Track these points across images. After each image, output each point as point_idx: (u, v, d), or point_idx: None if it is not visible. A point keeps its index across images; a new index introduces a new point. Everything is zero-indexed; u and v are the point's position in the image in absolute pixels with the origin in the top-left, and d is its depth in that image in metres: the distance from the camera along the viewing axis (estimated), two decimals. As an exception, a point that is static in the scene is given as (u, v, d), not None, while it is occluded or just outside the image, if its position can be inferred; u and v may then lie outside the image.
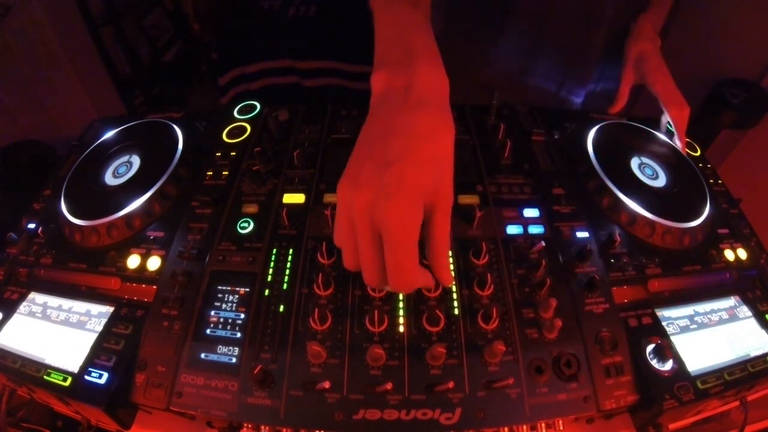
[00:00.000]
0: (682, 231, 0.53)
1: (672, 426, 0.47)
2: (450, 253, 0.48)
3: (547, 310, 0.44)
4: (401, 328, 0.44)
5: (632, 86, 0.70)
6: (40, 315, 0.49)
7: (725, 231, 0.57)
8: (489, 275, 0.45)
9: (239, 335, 0.44)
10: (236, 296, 0.46)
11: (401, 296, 0.46)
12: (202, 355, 0.43)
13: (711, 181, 0.63)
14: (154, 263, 0.50)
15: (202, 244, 0.51)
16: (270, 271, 0.48)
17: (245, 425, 0.41)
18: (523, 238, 0.51)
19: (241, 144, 0.62)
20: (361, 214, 0.32)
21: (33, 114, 1.40)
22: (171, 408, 0.41)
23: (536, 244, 0.49)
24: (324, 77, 1.50)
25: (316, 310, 0.43)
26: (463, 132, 0.62)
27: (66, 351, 0.45)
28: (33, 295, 0.51)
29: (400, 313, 0.45)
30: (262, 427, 0.41)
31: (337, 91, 1.49)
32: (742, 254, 0.55)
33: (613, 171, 0.57)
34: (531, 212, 0.53)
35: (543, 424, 0.42)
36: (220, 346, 0.43)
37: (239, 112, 0.68)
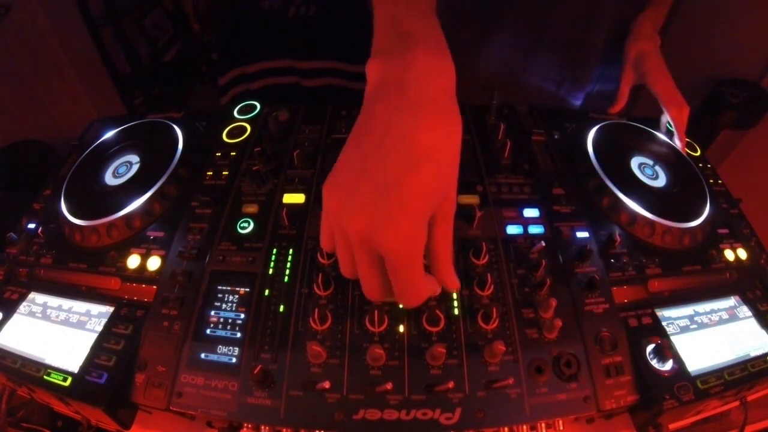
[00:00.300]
0: (682, 231, 0.53)
1: (672, 426, 0.47)
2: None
3: (547, 310, 0.44)
4: (401, 328, 0.44)
5: (632, 86, 0.70)
6: (40, 315, 0.49)
7: (725, 231, 0.57)
8: (489, 275, 0.45)
9: (239, 335, 0.44)
10: (236, 296, 0.46)
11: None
12: (202, 355, 0.43)
13: (711, 181, 0.63)
14: (154, 263, 0.50)
15: (202, 244, 0.51)
16: (270, 271, 0.48)
17: (245, 425, 0.41)
18: (523, 238, 0.51)
19: (241, 144, 0.62)
20: (360, 240, 0.30)
21: (33, 114, 1.40)
22: (171, 408, 0.41)
23: (536, 244, 0.49)
24: (324, 77, 1.50)
25: (316, 310, 0.43)
26: (463, 132, 0.62)
27: (66, 351, 0.45)
28: (33, 295, 0.51)
29: (400, 313, 0.45)
30: (262, 427, 0.41)
31: (337, 91, 1.50)
32: (742, 254, 0.55)
33: (613, 171, 0.57)
34: (531, 212, 0.53)
35: (543, 424, 0.42)
36: (220, 346, 0.43)
37: (239, 112, 0.68)
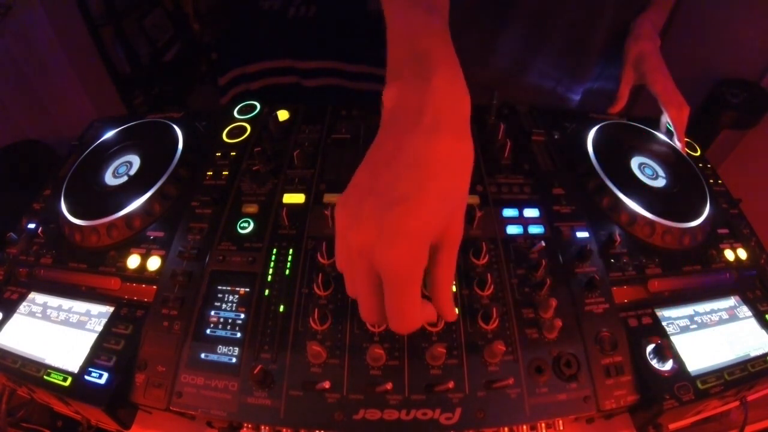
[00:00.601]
0: (682, 231, 0.53)
1: (672, 426, 0.47)
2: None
3: (547, 310, 0.44)
4: (401, 328, 0.44)
5: (632, 86, 0.70)
6: (40, 315, 0.49)
7: (725, 231, 0.57)
8: (489, 275, 0.45)
9: (239, 335, 0.44)
10: (236, 296, 0.46)
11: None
12: (202, 355, 0.43)
13: (711, 181, 0.63)
14: (154, 263, 0.50)
15: (202, 244, 0.51)
16: (270, 271, 0.48)
17: (245, 425, 0.41)
18: (523, 238, 0.51)
19: (241, 144, 0.62)
20: (359, 254, 0.30)
21: (33, 114, 1.40)
22: (171, 408, 0.41)
23: (536, 244, 0.49)
24: (324, 77, 1.50)
25: (316, 310, 0.43)
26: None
27: (66, 351, 0.45)
28: (33, 295, 0.51)
29: (400, 313, 0.45)
30: (262, 427, 0.41)
31: (337, 91, 1.50)
32: (742, 254, 0.55)
33: (613, 171, 0.57)
34: (531, 212, 0.53)
35: (543, 424, 0.42)
36: (220, 346, 0.43)
37: (239, 112, 0.68)
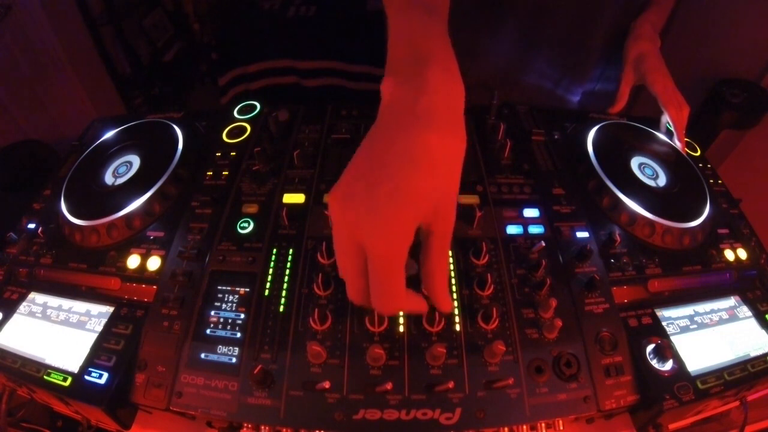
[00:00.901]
0: (682, 231, 0.53)
1: (672, 426, 0.47)
2: (450, 254, 0.48)
3: (547, 310, 0.44)
4: (401, 328, 0.44)
5: (632, 86, 0.70)
6: (40, 315, 0.49)
7: (725, 231, 0.57)
8: (489, 275, 0.45)
9: (239, 335, 0.44)
10: (236, 296, 0.46)
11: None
12: (202, 355, 0.43)
13: (711, 181, 0.63)
14: (154, 263, 0.50)
15: (202, 244, 0.51)
16: (270, 271, 0.48)
17: (245, 425, 0.41)
18: (523, 238, 0.51)
19: (241, 144, 0.62)
20: (347, 231, 0.31)
21: (33, 114, 1.40)
22: (171, 408, 0.41)
23: (536, 244, 0.49)
24: (324, 77, 1.50)
25: (316, 310, 0.43)
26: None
27: (66, 351, 0.45)
28: (33, 295, 0.51)
29: (400, 313, 0.45)
30: (262, 427, 0.41)
31: (337, 91, 1.50)
32: (742, 254, 0.55)
33: (613, 171, 0.57)
34: (531, 212, 0.53)
35: (543, 424, 0.42)
36: (220, 346, 0.43)
37: (239, 112, 0.68)
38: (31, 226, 0.57)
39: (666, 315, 0.48)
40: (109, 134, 0.65)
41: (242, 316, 0.45)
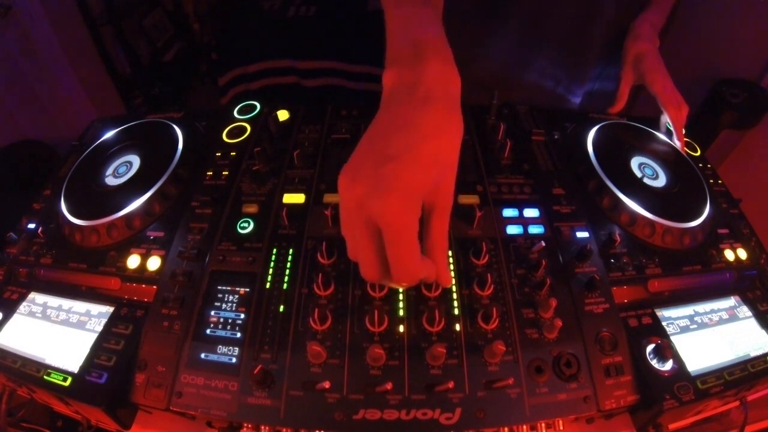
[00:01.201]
0: (682, 231, 0.53)
1: (672, 426, 0.47)
2: (450, 254, 0.48)
3: (547, 310, 0.44)
4: (401, 328, 0.44)
5: (631, 86, 0.70)
6: (40, 315, 0.49)
7: (725, 231, 0.57)
8: (489, 275, 0.45)
9: (239, 335, 0.44)
10: (236, 296, 0.46)
11: (401, 296, 0.46)
12: (202, 355, 0.43)
13: (711, 181, 0.63)
14: (154, 263, 0.50)
15: (202, 244, 0.51)
16: (270, 271, 0.48)
17: (245, 425, 0.41)
18: (523, 238, 0.51)
19: (241, 144, 0.62)
20: (357, 208, 0.32)
21: (33, 114, 1.40)
22: (171, 408, 0.41)
23: (536, 244, 0.49)
24: (324, 77, 1.50)
25: (316, 310, 0.43)
26: (464, 133, 0.62)
27: (66, 351, 0.45)
28: (33, 295, 0.51)
29: (400, 313, 0.45)
30: (262, 427, 0.41)
31: (337, 91, 1.50)
32: (742, 254, 0.55)
33: (613, 171, 0.57)
34: (531, 212, 0.53)
35: (543, 424, 0.42)
36: (220, 346, 0.43)
37: (239, 112, 0.68)
38: (31, 226, 0.57)
39: (666, 315, 0.48)
40: (109, 134, 0.65)
41: (242, 316, 0.45)
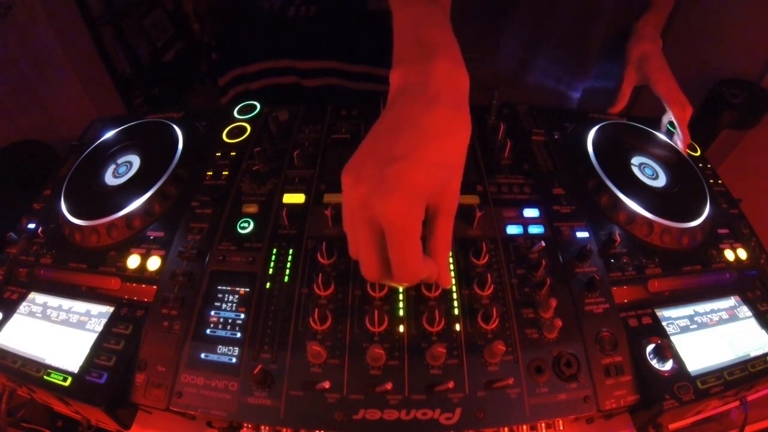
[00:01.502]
0: (682, 231, 0.53)
1: (672, 426, 0.47)
2: (450, 254, 0.48)
3: (547, 310, 0.44)
4: (401, 328, 0.44)
5: (633, 87, 0.70)
6: (40, 315, 0.49)
7: (725, 231, 0.57)
8: (489, 275, 0.45)
9: (239, 335, 0.44)
10: (236, 296, 0.46)
11: (401, 296, 0.46)
12: (202, 355, 0.43)
13: (711, 181, 0.63)
14: (154, 263, 0.50)
15: (202, 244, 0.51)
16: (270, 271, 0.48)
17: (245, 425, 0.41)
18: (523, 238, 0.51)
19: (241, 144, 0.62)
20: (360, 208, 0.32)
21: (33, 114, 1.40)
22: (171, 408, 0.41)
23: (536, 244, 0.49)
24: (324, 77, 1.50)
25: (316, 310, 0.43)
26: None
27: (66, 351, 0.45)
28: (33, 295, 0.51)
29: (400, 313, 0.45)
30: (262, 427, 0.41)
31: (337, 91, 1.50)
32: (742, 254, 0.55)
33: (613, 171, 0.57)
34: (531, 212, 0.53)
35: (543, 424, 0.42)
36: (220, 346, 0.43)
37: (239, 112, 0.68)
38: (31, 226, 0.57)
39: (666, 315, 0.48)
40: (109, 134, 0.65)
41: (242, 316, 0.45)
